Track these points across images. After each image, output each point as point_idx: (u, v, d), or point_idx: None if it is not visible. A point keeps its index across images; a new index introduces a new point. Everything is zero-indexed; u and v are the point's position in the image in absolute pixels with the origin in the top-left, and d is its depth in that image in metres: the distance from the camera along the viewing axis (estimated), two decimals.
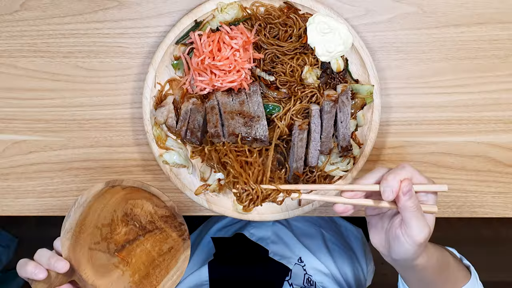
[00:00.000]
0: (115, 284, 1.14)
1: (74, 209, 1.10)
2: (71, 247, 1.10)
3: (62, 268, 1.06)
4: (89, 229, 1.12)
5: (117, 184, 1.12)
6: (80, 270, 1.11)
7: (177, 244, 1.16)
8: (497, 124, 1.26)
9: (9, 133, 1.30)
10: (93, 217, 1.12)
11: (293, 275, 1.42)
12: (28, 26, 1.24)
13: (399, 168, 0.98)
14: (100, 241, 1.13)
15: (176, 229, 1.16)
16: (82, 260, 1.12)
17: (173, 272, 1.16)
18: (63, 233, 1.10)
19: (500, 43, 1.21)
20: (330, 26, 1.15)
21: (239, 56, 1.15)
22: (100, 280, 1.13)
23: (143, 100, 1.20)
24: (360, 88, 1.19)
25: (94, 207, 1.11)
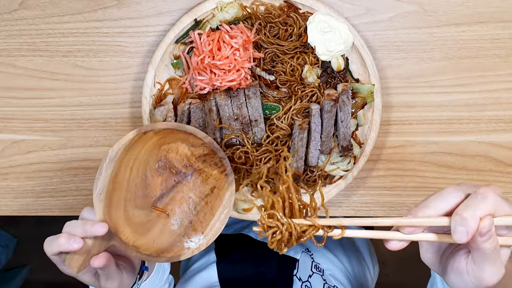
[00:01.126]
0: (158, 241, 1.07)
1: (106, 166, 1.01)
2: (105, 209, 1.02)
3: (101, 230, 0.97)
4: (122, 186, 1.05)
5: (149, 129, 1.04)
6: (119, 233, 1.03)
7: (219, 181, 1.10)
8: (498, 124, 1.25)
9: (8, 133, 1.30)
10: (125, 172, 1.05)
11: (300, 265, 1.41)
12: (27, 25, 1.23)
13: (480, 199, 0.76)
14: (135, 198, 1.07)
15: (217, 166, 1.09)
16: (119, 221, 1.04)
17: (219, 212, 1.09)
18: (96, 194, 1.01)
19: (501, 42, 1.21)
20: (331, 25, 1.15)
21: (239, 55, 1.14)
22: (141, 240, 1.06)
23: (142, 99, 1.20)
24: (361, 88, 1.19)
25: (126, 160, 1.04)
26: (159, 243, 1.08)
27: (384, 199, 1.31)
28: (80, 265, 1.00)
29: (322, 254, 1.49)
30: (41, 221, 2.69)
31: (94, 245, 1.00)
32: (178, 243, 1.09)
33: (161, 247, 1.08)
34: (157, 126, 1.05)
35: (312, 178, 1.23)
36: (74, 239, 0.97)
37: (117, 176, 1.04)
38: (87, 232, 0.98)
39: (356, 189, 1.31)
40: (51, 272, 2.72)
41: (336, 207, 1.32)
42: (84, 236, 0.98)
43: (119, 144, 1.02)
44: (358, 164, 1.23)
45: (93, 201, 1.01)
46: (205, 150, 1.09)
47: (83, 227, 0.98)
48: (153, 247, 1.07)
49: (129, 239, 1.05)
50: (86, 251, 0.99)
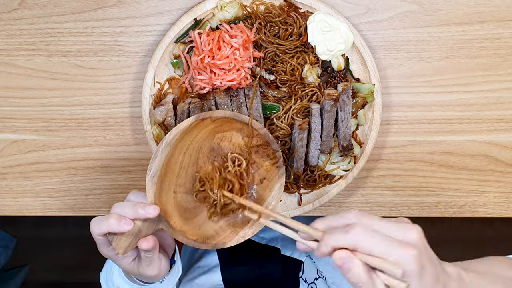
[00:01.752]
0: (204, 228, 1.07)
1: (162, 149, 1.01)
2: (157, 192, 1.02)
3: (153, 212, 0.96)
4: (174, 170, 1.04)
5: (207, 116, 1.04)
6: (167, 217, 1.03)
7: (269, 173, 1.09)
8: (499, 123, 1.25)
9: (7, 132, 1.29)
10: (178, 157, 1.04)
11: (305, 268, 1.41)
12: (26, 25, 1.23)
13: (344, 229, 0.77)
14: (185, 183, 1.06)
15: (269, 157, 1.09)
16: (168, 205, 1.04)
17: (267, 203, 1.09)
18: (149, 177, 1.01)
19: (502, 41, 1.21)
20: (331, 24, 1.15)
21: (239, 55, 1.14)
22: (188, 225, 1.05)
23: (142, 99, 1.20)
24: (361, 87, 1.18)
25: (180, 145, 1.04)
26: (205, 229, 1.07)
27: (385, 199, 1.31)
28: (127, 246, 0.99)
29: (324, 262, 1.48)
30: (41, 221, 2.68)
31: (143, 227, 0.99)
32: (223, 230, 1.08)
33: (207, 233, 1.07)
34: (214, 114, 1.05)
35: (312, 178, 1.23)
36: (125, 221, 0.96)
37: (171, 160, 1.04)
38: (138, 214, 0.97)
39: (356, 189, 1.31)
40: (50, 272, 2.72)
41: (337, 206, 1.32)
42: (135, 217, 0.97)
43: (177, 129, 1.02)
44: (358, 164, 1.22)
45: (146, 183, 1.01)
46: (259, 141, 1.09)
47: (134, 209, 0.97)
48: (199, 232, 1.07)
49: (177, 224, 1.04)
50: (135, 233, 0.98)
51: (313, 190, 1.24)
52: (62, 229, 2.65)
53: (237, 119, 1.06)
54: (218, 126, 1.07)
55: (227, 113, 1.05)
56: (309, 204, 1.24)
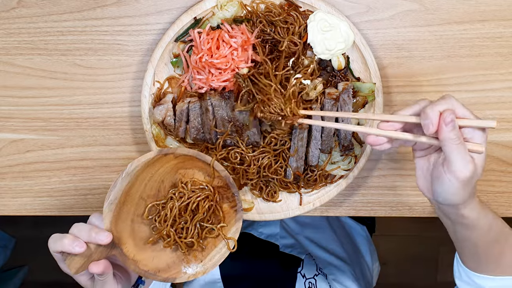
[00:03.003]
0: (157, 259, 1.10)
1: (122, 178, 1.05)
2: (113, 219, 1.05)
3: (105, 239, 1.01)
4: (133, 200, 1.08)
5: (170, 152, 1.07)
6: (121, 244, 1.07)
7: (228, 216, 1.12)
8: (501, 123, 1.24)
9: (6, 132, 1.29)
10: (139, 187, 1.08)
11: (305, 265, 1.41)
12: (25, 24, 1.23)
13: (440, 99, 0.90)
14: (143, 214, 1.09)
15: (228, 200, 1.12)
16: (124, 233, 1.08)
17: (222, 245, 1.12)
18: (107, 204, 1.05)
19: (503, 40, 1.20)
20: (331, 23, 1.14)
21: (236, 55, 1.13)
22: (142, 255, 1.09)
23: (141, 98, 1.19)
24: (362, 86, 1.18)
25: (142, 176, 1.07)
26: (158, 261, 1.11)
27: (386, 199, 1.30)
28: (79, 267, 1.03)
29: (324, 260, 1.49)
30: (39, 221, 2.68)
31: (96, 251, 1.03)
32: (176, 265, 1.13)
33: (159, 265, 1.12)
34: (177, 151, 1.09)
35: (312, 178, 1.22)
36: (78, 243, 1.01)
37: (131, 190, 1.07)
38: (91, 238, 1.01)
39: (357, 189, 1.30)
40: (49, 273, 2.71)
41: (337, 206, 1.31)
42: (88, 241, 1.02)
43: (139, 161, 1.06)
44: (359, 163, 1.22)
45: (103, 209, 1.05)
46: (220, 183, 1.12)
47: (88, 233, 1.02)
48: (152, 264, 1.11)
49: (130, 252, 1.08)
50: (87, 255, 1.02)
51: (314, 190, 1.24)
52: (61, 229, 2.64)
53: (200, 158, 1.10)
54: (181, 163, 1.10)
55: (190, 151, 1.10)
56: (310, 204, 1.24)
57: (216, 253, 1.12)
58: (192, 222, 1.10)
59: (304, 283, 1.36)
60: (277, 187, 1.23)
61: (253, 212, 1.24)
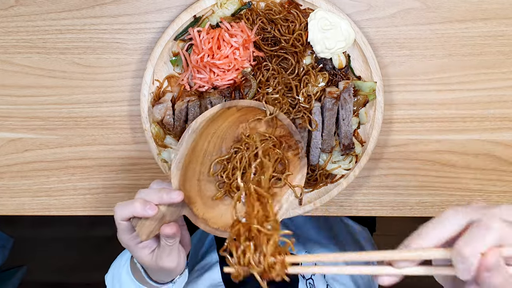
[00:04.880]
0: (225, 216, 1.09)
1: (188, 136, 1.03)
2: (181, 179, 1.04)
3: (177, 198, 0.99)
4: (198, 158, 1.07)
5: (233, 105, 1.06)
6: (191, 204, 1.05)
7: (292, 163, 1.11)
8: (503, 122, 1.24)
9: (4, 131, 1.28)
10: (203, 145, 1.07)
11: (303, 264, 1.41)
12: (23, 22, 1.22)
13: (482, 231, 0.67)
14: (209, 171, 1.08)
15: (291, 148, 1.11)
16: (192, 192, 1.06)
17: (288, 193, 1.11)
18: (175, 163, 1.03)
19: (505, 39, 1.20)
20: (332, 22, 1.14)
21: (238, 54, 1.13)
22: (210, 213, 1.08)
23: (141, 97, 1.19)
24: (363, 85, 1.17)
25: (205, 133, 1.06)
26: (227, 218, 1.09)
27: (386, 199, 1.30)
28: (150, 232, 1.01)
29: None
30: (38, 221, 2.68)
31: (167, 213, 1.01)
32: None
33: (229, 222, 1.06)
34: (240, 103, 1.07)
35: (313, 177, 1.22)
36: (149, 206, 0.98)
37: (196, 148, 1.06)
38: (162, 199, 0.99)
39: (358, 188, 1.30)
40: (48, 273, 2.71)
41: (338, 206, 1.31)
42: (159, 203, 0.99)
43: (203, 117, 1.05)
44: (360, 163, 1.21)
45: (171, 170, 1.03)
46: (282, 132, 1.10)
47: (158, 194, 0.99)
48: (221, 221, 1.09)
49: (199, 211, 1.07)
50: (158, 218, 1.00)
51: (314, 190, 1.24)
52: (60, 229, 2.65)
53: (262, 109, 1.08)
54: (243, 115, 1.09)
55: (252, 102, 1.08)
56: (310, 204, 1.24)
57: (284, 203, 1.11)
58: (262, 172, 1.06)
59: (305, 284, 1.35)
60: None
61: None
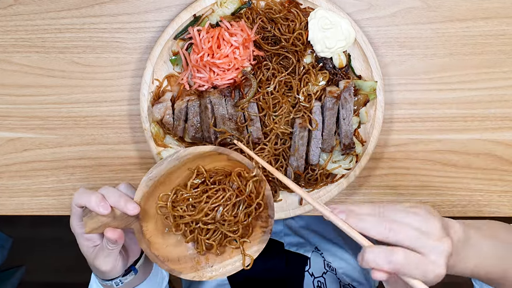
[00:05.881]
0: (170, 248, 1.10)
1: (170, 160, 1.04)
2: (145, 195, 1.04)
3: (132, 210, 0.99)
4: (171, 184, 1.07)
5: (225, 153, 1.07)
6: (143, 221, 1.05)
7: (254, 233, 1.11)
8: (504, 121, 1.24)
9: (3, 131, 1.28)
10: (181, 174, 1.07)
11: (312, 263, 1.41)
12: (22, 21, 1.22)
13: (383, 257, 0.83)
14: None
15: (261, 219, 1.11)
16: (149, 212, 1.06)
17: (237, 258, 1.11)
18: (146, 178, 1.04)
19: (506, 38, 1.19)
20: (332, 21, 1.14)
21: (238, 54, 1.13)
22: (157, 239, 1.08)
23: (140, 96, 1.18)
24: (363, 84, 1.17)
25: (188, 165, 1.07)
26: (171, 251, 1.10)
27: (387, 198, 1.30)
28: (94, 228, 1.02)
29: (332, 253, 1.48)
30: (37, 220, 2.67)
31: (117, 218, 1.02)
32: (186, 261, 1.12)
33: (170, 255, 1.10)
34: (231, 154, 1.08)
35: (313, 177, 1.21)
36: (104, 204, 0.99)
37: (173, 174, 1.07)
38: (119, 205, 1.00)
39: (358, 188, 1.29)
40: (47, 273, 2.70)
41: None
42: (114, 206, 1.00)
43: (193, 150, 1.06)
44: (360, 162, 1.21)
45: (140, 182, 1.03)
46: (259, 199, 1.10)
47: (118, 198, 1.00)
48: (164, 251, 1.10)
49: (148, 233, 1.07)
50: (107, 219, 1.01)
51: (314, 189, 1.23)
52: (59, 229, 2.64)
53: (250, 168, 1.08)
54: (230, 166, 1.09)
55: (244, 159, 1.08)
56: None
57: (229, 264, 1.11)
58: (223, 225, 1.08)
59: (312, 282, 1.35)
60: (278, 187, 1.22)
61: None
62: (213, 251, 1.11)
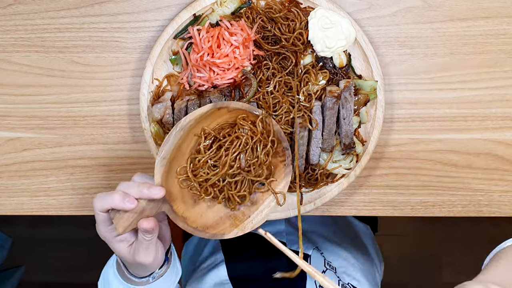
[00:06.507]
0: (205, 216, 1.09)
1: (175, 133, 1.03)
2: (164, 175, 1.03)
3: (158, 193, 0.98)
4: (184, 155, 1.06)
5: (224, 105, 1.06)
6: (171, 201, 1.04)
7: (277, 170, 1.11)
8: (504, 121, 1.23)
9: (2, 130, 1.28)
10: (190, 143, 1.06)
11: (312, 261, 1.41)
12: (22, 20, 1.22)
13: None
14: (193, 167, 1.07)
15: (278, 154, 1.10)
16: (173, 189, 1.05)
17: (270, 199, 1.11)
18: (159, 159, 1.02)
19: (507, 37, 1.19)
20: (332, 20, 1.13)
21: (238, 53, 1.12)
22: (190, 211, 1.07)
23: (140, 96, 1.18)
24: (363, 84, 1.17)
25: (193, 131, 1.05)
26: (206, 218, 1.09)
27: (387, 198, 1.29)
28: (127, 225, 1.00)
29: (332, 252, 1.48)
30: (37, 220, 2.67)
31: (147, 208, 1.00)
32: (224, 221, 1.10)
33: (207, 222, 1.09)
34: (231, 105, 1.07)
35: (313, 177, 1.21)
36: (129, 199, 0.97)
37: (182, 145, 1.05)
38: (143, 194, 0.98)
39: (358, 188, 1.29)
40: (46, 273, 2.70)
41: (339, 206, 1.30)
42: (139, 197, 0.99)
43: (192, 115, 1.04)
44: (360, 162, 1.21)
45: (155, 165, 1.02)
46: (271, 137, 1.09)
47: (139, 188, 0.99)
48: (200, 220, 1.08)
49: (179, 209, 1.06)
50: (137, 212, 1.00)
51: (315, 189, 1.23)
52: (59, 229, 2.64)
53: (252, 112, 1.07)
54: (233, 117, 1.08)
55: (244, 105, 1.07)
56: (311, 203, 1.23)
57: (265, 208, 1.10)
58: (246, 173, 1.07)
59: (314, 282, 1.35)
60: None
61: None
62: (246, 201, 1.10)
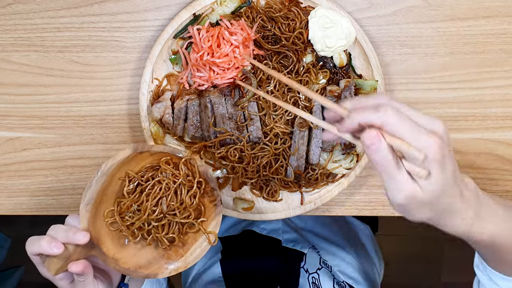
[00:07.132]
0: (138, 256, 1.10)
1: (97, 179, 1.03)
2: (91, 219, 1.04)
3: (82, 239, 1.00)
4: (110, 199, 1.06)
5: (145, 150, 1.05)
6: (100, 243, 1.06)
7: (207, 210, 1.10)
8: (505, 121, 1.23)
9: (2, 130, 1.28)
10: (115, 186, 1.06)
11: (307, 259, 1.41)
12: (21, 20, 1.21)
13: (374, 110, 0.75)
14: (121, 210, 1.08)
15: (207, 194, 1.10)
16: (102, 232, 1.06)
17: (202, 239, 1.10)
18: (83, 205, 1.03)
19: (508, 37, 1.19)
20: (332, 20, 1.13)
21: (238, 53, 1.12)
22: (122, 253, 1.08)
23: (140, 95, 1.18)
24: (364, 84, 1.17)
25: (117, 175, 1.06)
26: (139, 258, 1.10)
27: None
28: (58, 268, 1.03)
29: (329, 251, 1.48)
30: (36, 220, 2.66)
31: (75, 252, 1.02)
32: (157, 261, 1.11)
33: (140, 262, 1.10)
34: (153, 148, 1.07)
35: (313, 177, 1.21)
36: (55, 244, 1.00)
37: (108, 188, 1.06)
38: (69, 239, 1.01)
39: (359, 188, 1.28)
40: None
41: (339, 206, 1.30)
42: (66, 242, 1.01)
43: (114, 160, 1.04)
44: (361, 162, 1.21)
45: (79, 210, 1.04)
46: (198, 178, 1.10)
47: (66, 233, 1.01)
48: (132, 261, 1.10)
49: (110, 251, 1.08)
50: (66, 256, 1.02)
51: (315, 189, 1.23)
52: None
53: (176, 154, 1.07)
54: (157, 160, 1.08)
55: (166, 148, 1.08)
56: (311, 203, 1.23)
57: (197, 248, 1.11)
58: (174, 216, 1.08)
59: (307, 279, 1.35)
60: (278, 187, 1.21)
61: (254, 212, 1.23)
62: (177, 242, 1.10)
